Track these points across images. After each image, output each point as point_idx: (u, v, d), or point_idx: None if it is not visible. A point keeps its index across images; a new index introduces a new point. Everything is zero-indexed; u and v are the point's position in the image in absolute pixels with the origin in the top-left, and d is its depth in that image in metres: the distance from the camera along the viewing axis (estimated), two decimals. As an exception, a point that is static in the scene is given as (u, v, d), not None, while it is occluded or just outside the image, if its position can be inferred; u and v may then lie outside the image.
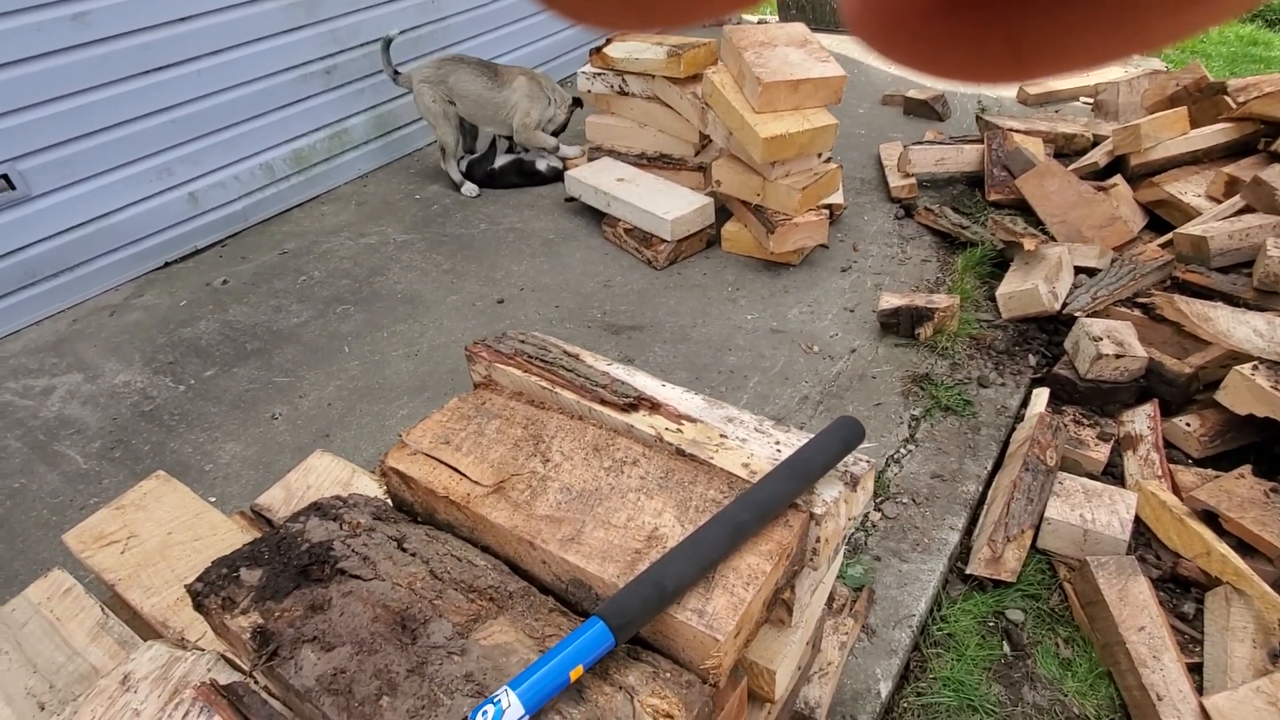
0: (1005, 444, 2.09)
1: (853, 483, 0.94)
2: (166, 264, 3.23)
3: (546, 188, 3.55)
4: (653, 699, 0.71)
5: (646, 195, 2.96)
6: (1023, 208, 2.89)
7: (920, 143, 3.25)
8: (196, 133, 3.17)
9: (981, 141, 3.17)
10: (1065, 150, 3.26)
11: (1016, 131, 3.18)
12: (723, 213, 3.01)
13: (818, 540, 0.91)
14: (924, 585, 1.73)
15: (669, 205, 2.87)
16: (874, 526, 1.85)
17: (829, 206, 2.81)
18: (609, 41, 3.24)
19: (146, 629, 1.19)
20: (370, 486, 1.40)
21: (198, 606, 0.83)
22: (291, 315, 2.87)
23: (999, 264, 2.70)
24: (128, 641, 1.16)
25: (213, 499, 2.12)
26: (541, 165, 3.55)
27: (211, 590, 0.82)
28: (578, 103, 3.49)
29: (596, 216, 3.21)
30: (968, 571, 1.80)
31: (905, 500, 1.91)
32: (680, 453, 0.97)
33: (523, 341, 1.20)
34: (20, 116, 2.69)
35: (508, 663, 0.74)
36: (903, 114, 3.95)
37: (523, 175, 3.55)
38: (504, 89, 3.34)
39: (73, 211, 2.91)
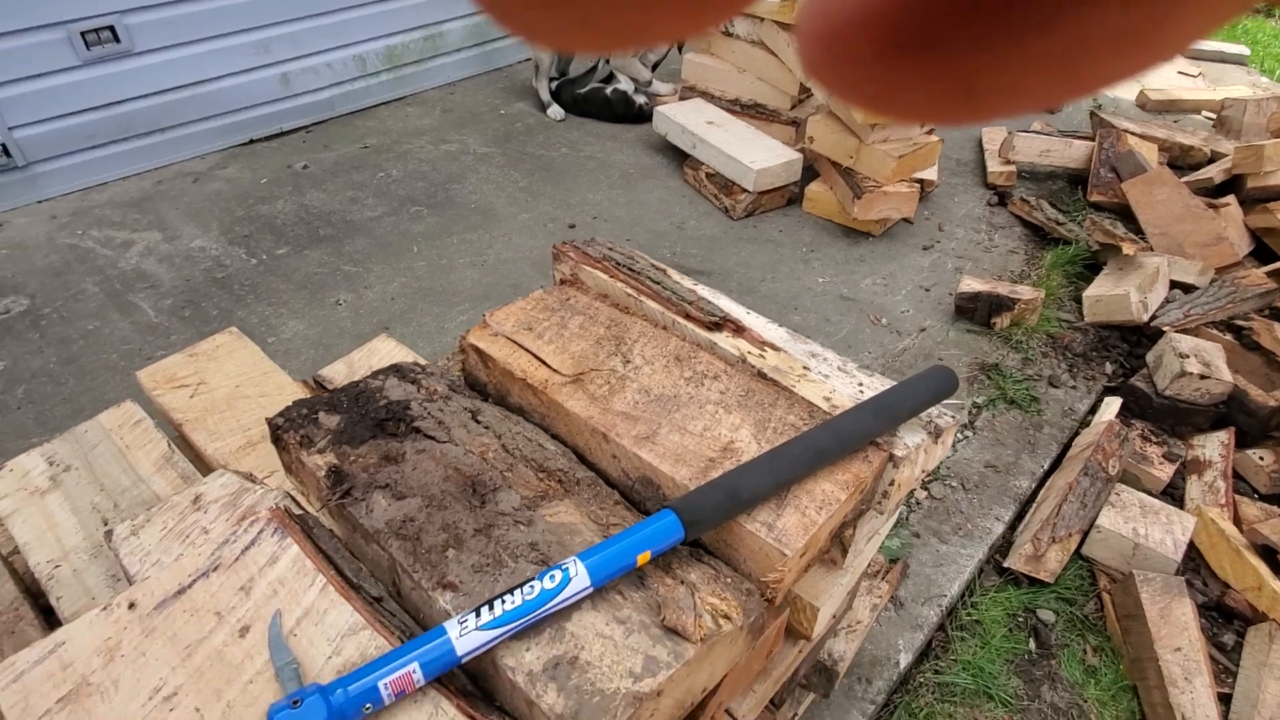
0: (1066, 446, 2.03)
1: (936, 433, 0.91)
2: (252, 140, 3.28)
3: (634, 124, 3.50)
4: (713, 598, 0.70)
5: (734, 142, 2.89)
6: (1124, 213, 2.75)
7: (1027, 131, 3.10)
8: (298, 13, 3.17)
9: (1092, 139, 3.01)
10: (1180, 162, 3.08)
11: (1132, 134, 3.01)
12: (808, 173, 2.93)
13: (891, 483, 0.89)
14: (959, 569, 1.70)
15: (756, 155, 2.80)
16: (918, 504, 1.82)
17: (921, 181, 2.71)
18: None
19: (208, 470, 1.23)
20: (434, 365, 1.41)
21: (275, 440, 0.85)
22: (366, 208, 2.89)
23: (1089, 266, 2.58)
24: (190, 477, 1.20)
25: (272, 369, 2.17)
26: (633, 93, 3.48)
27: (292, 426, 0.83)
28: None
29: (678, 157, 3.15)
30: (1005, 564, 1.76)
31: (954, 484, 1.87)
32: (762, 375, 0.95)
33: (611, 249, 1.18)
34: (133, -30, 2.72)
35: (571, 541, 0.74)
36: (1011, 99, 3.76)
37: (608, 108, 3.48)
38: None
39: (171, 73, 2.95)
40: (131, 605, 0.72)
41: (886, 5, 0.12)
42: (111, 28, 2.75)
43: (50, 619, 1.09)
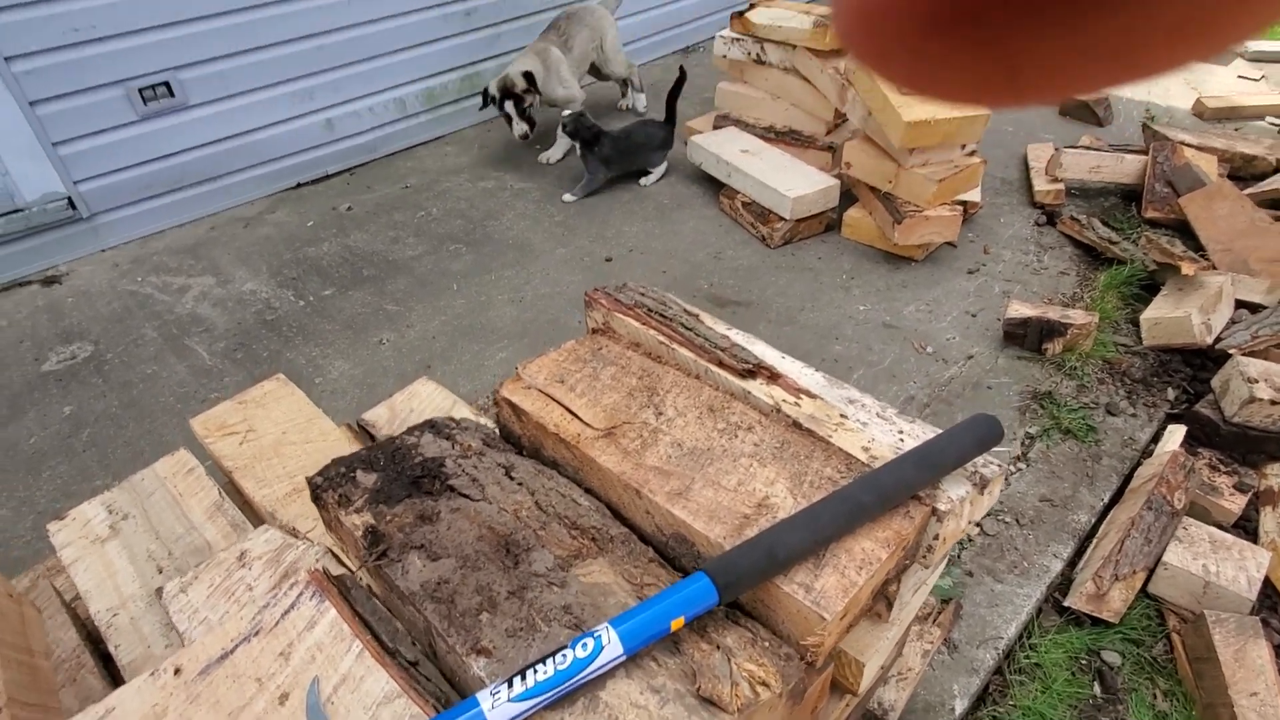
0: (1128, 478, 1.94)
1: (981, 484, 0.88)
2: (299, 185, 3.39)
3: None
4: (750, 664, 0.68)
5: (770, 170, 2.88)
6: (1183, 229, 2.65)
7: (1075, 147, 3.01)
8: (339, 61, 3.29)
9: (1145, 153, 2.91)
10: (1242, 172, 2.96)
11: (1188, 146, 2.90)
12: (847, 198, 2.89)
13: (935, 538, 0.86)
14: (1016, 609, 1.63)
15: (792, 183, 2.78)
16: (970, 541, 1.76)
17: (963, 203, 2.66)
18: (753, 5, 3.15)
19: (256, 517, 1.26)
20: (469, 418, 1.42)
21: (315, 499, 0.86)
22: (407, 247, 2.96)
23: (1147, 286, 2.48)
24: (239, 525, 1.23)
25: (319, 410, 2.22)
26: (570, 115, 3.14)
27: (330, 485, 0.84)
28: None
29: (714, 186, 3.15)
30: (1066, 604, 1.68)
31: (1008, 519, 1.80)
32: (797, 426, 0.93)
33: (643, 294, 1.18)
34: (186, 28, 2.85)
35: (605, 603, 0.73)
36: (1057, 114, 3.67)
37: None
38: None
39: (222, 124, 3.08)
40: (177, 671, 0.73)
41: None
42: (167, 83, 2.89)
43: (109, 665, 1.12)
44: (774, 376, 1.02)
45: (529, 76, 3.14)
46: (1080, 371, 2.19)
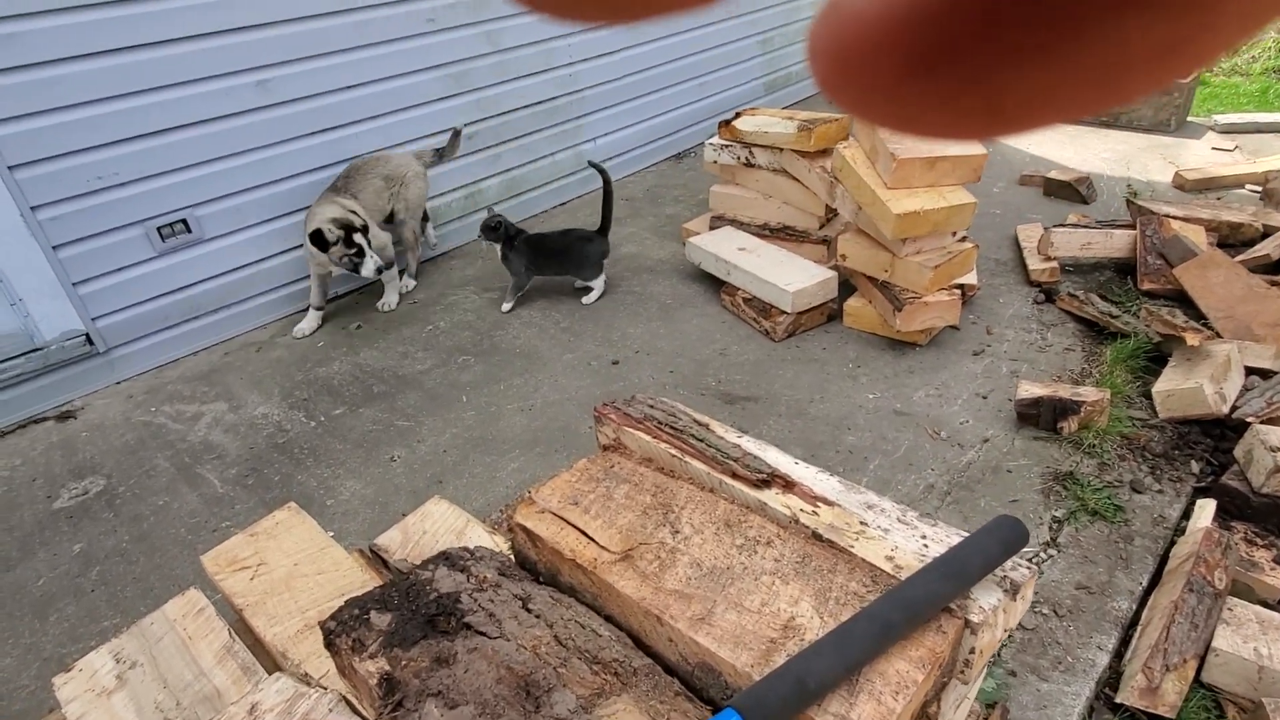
0: (1163, 558, 1.88)
1: (1013, 590, 0.85)
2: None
3: (666, 254, 3.61)
4: (790, 812, 0.64)
5: (768, 266, 2.94)
6: (1181, 299, 2.67)
7: (1063, 225, 3.09)
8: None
9: (1133, 227, 2.98)
10: (1230, 240, 3.01)
11: (1174, 218, 2.97)
12: (845, 287, 2.95)
13: (972, 651, 0.82)
14: (1067, 709, 1.54)
15: (791, 277, 2.84)
16: (1010, 637, 1.68)
17: (961, 286, 2.70)
18: (738, 115, 3.31)
19: (267, 657, 1.22)
20: (483, 537, 1.40)
21: (328, 645, 0.84)
22: (416, 362, 3.00)
23: (1154, 358, 2.48)
24: (250, 668, 1.19)
25: (331, 533, 2.19)
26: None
27: (344, 630, 0.82)
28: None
29: (714, 284, 3.22)
30: (1118, 700, 1.59)
31: (1046, 611, 1.73)
32: (817, 537, 0.91)
33: (652, 406, 1.18)
34: (204, 169, 3.01)
35: (632, 747, 0.70)
36: (1042, 194, 3.78)
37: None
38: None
39: (236, 255, 3.20)
40: (182, 847, 0.69)
41: (905, 23, 0.12)
42: (185, 220, 3.02)
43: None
44: (789, 485, 1.00)
45: (356, 214, 3.03)
46: (1099, 449, 2.16)
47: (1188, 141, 4.36)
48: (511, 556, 1.02)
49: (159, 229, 2.95)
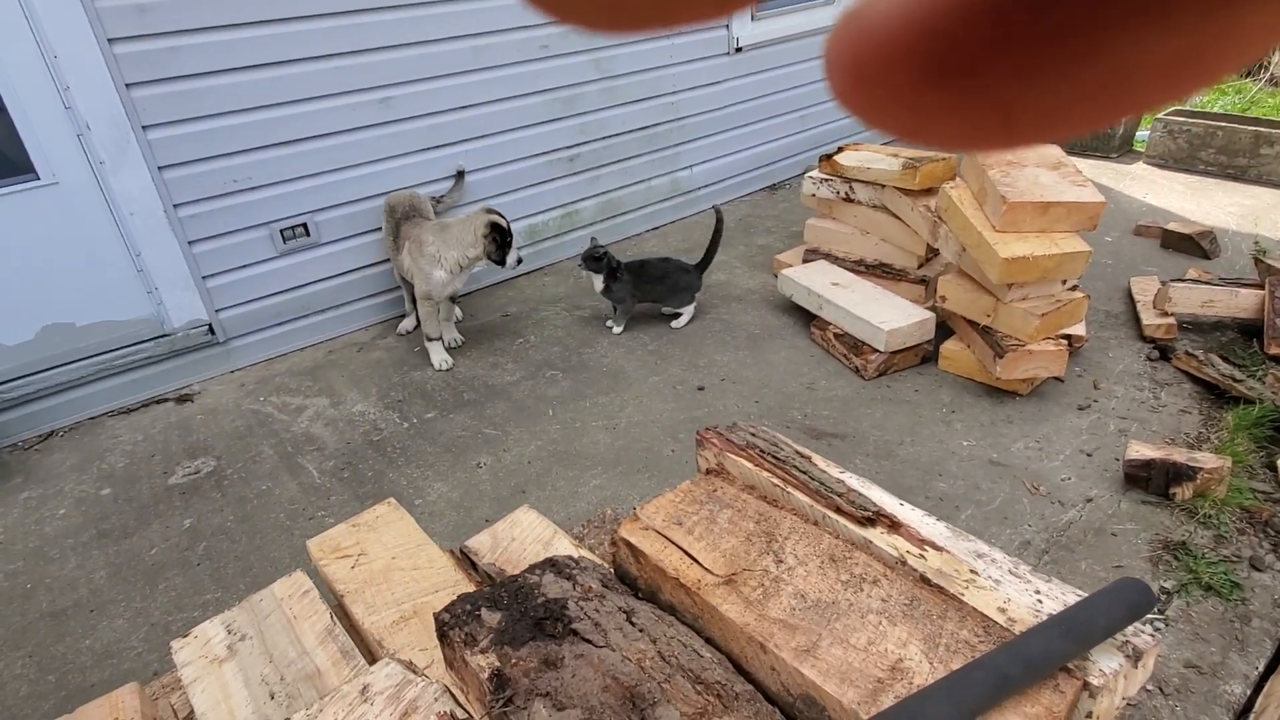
0: (1285, 644, 1.73)
1: (1135, 656, 0.81)
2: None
3: (756, 284, 3.61)
4: None
5: (862, 303, 2.90)
6: (1313, 367, 2.48)
7: (1183, 280, 2.93)
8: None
9: (1261, 286, 2.80)
10: (1372, 307, 2.78)
11: (1307, 280, 2.77)
12: (942, 329, 2.87)
13: (1089, 715, 0.79)
14: (1170, 797, 1.44)
15: (885, 315, 2.79)
16: (1108, 709, 1.59)
17: (1068, 337, 2.59)
18: (841, 150, 3.30)
19: (363, 643, 1.28)
20: (569, 549, 1.43)
21: (441, 636, 0.87)
22: (506, 373, 3.08)
23: (1280, 427, 2.31)
24: (349, 652, 1.25)
25: (418, 531, 2.27)
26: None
27: (457, 623, 0.85)
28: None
29: (804, 317, 3.20)
30: (1229, 794, 1.47)
31: (1150, 687, 1.62)
32: (926, 581, 0.89)
33: (754, 434, 1.19)
34: (326, 177, 3.21)
35: (735, 772, 0.70)
36: (1159, 247, 3.60)
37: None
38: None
39: (349, 259, 3.38)
40: (301, 812, 0.73)
41: (920, 35, 0.12)
42: (305, 224, 3.21)
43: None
44: (895, 525, 0.99)
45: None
46: (1216, 520, 2.02)
47: (1325, 199, 4.07)
48: (611, 570, 1.04)
49: (281, 231, 3.15)
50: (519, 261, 3.07)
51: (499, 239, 2.95)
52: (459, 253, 2.98)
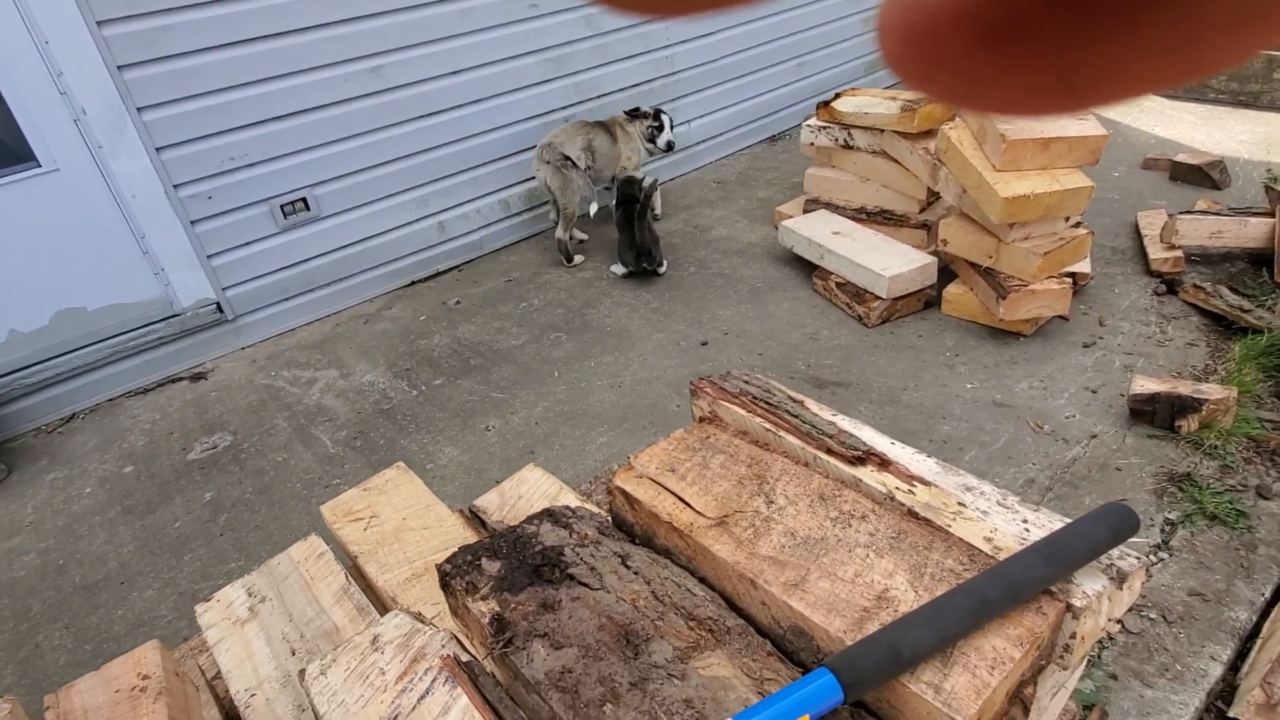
0: (1289, 569, 1.75)
1: (1119, 579, 0.83)
2: (413, 283, 3.65)
3: (757, 237, 3.59)
4: (881, 771, 0.66)
5: (863, 250, 2.88)
6: (1324, 294, 2.45)
7: (1191, 212, 2.88)
8: (451, 170, 3.58)
9: (1271, 215, 2.75)
10: (1386, 230, 2.73)
11: (1319, 205, 2.72)
12: (945, 274, 2.85)
13: (1072, 636, 0.81)
14: (1173, 718, 1.47)
15: (887, 262, 2.77)
16: (1111, 640, 1.62)
17: (1072, 275, 2.57)
18: (838, 96, 3.24)
19: (377, 601, 1.32)
20: (573, 503, 1.46)
21: (444, 585, 0.90)
22: (510, 337, 3.11)
23: (1288, 356, 2.30)
24: (364, 609, 1.29)
25: (431, 495, 2.32)
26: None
27: (458, 573, 0.88)
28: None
29: (806, 268, 3.18)
30: (1231, 715, 1.51)
31: (1153, 615, 1.65)
32: (913, 515, 0.91)
33: (747, 382, 1.20)
34: (323, 150, 3.20)
35: (726, 698, 0.73)
36: (1168, 179, 3.53)
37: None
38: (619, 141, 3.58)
39: (350, 231, 3.39)
40: (320, 753, 0.77)
41: None
42: (305, 199, 3.22)
43: (245, 744, 1.18)
44: (885, 463, 1.00)
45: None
46: (1222, 451, 2.02)
47: (1342, 122, 3.97)
48: (609, 519, 1.07)
49: (281, 206, 3.16)
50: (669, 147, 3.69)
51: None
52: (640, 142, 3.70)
